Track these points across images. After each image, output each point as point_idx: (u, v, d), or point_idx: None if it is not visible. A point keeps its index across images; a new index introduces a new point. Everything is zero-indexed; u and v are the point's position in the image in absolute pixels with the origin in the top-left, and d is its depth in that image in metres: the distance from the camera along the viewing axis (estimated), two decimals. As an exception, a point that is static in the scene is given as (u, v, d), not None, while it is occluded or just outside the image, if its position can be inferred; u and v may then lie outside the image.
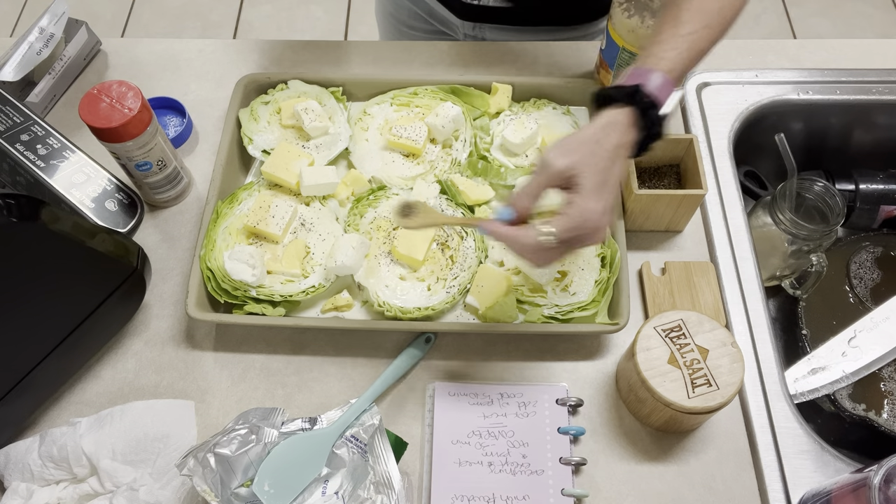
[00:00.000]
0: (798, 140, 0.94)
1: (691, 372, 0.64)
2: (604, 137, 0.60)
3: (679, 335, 0.66)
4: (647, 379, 0.64)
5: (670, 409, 0.64)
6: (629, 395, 0.70)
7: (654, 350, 0.66)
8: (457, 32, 1.06)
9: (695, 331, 0.67)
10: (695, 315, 0.67)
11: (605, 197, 0.58)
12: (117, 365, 0.76)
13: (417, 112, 0.88)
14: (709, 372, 0.64)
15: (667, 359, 0.65)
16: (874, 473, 0.56)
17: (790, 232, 0.82)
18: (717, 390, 0.64)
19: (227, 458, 0.62)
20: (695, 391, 0.64)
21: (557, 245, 0.58)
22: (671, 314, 0.68)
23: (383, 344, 0.76)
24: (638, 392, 0.67)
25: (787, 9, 2.28)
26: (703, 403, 0.63)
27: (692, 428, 0.70)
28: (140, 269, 0.72)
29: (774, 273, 0.88)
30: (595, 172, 0.58)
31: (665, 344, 0.66)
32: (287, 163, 0.81)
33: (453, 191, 0.82)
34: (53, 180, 0.80)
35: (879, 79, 0.93)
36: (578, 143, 0.60)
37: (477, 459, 0.68)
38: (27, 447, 0.67)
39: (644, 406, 0.68)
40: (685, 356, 0.65)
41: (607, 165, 0.59)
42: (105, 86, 0.74)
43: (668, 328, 0.67)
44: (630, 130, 0.60)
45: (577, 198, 0.58)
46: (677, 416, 0.65)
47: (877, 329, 0.84)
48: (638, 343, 0.66)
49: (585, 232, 0.58)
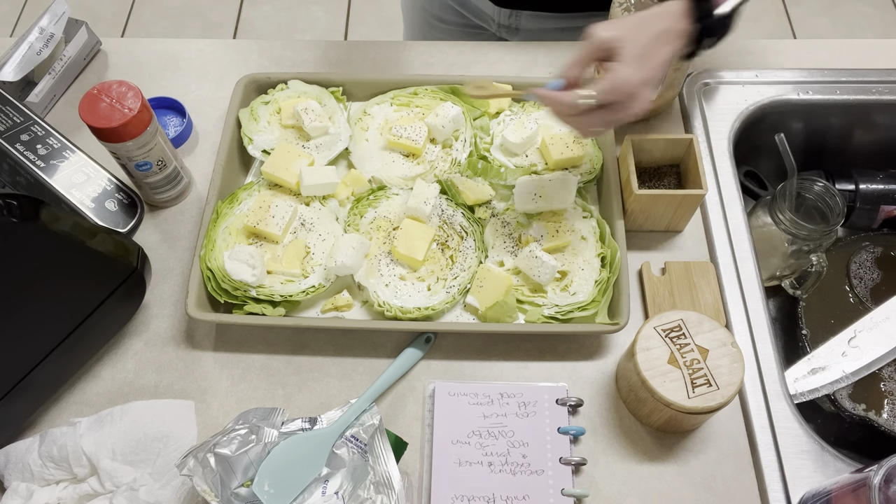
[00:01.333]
0: (798, 140, 0.94)
1: (691, 372, 0.64)
2: (653, 20, 0.64)
3: (679, 335, 0.66)
4: (647, 379, 0.64)
5: (670, 410, 0.64)
6: (629, 395, 0.70)
7: (654, 350, 0.66)
8: (490, 25, 1.04)
9: (695, 331, 0.67)
10: (695, 315, 0.67)
11: (646, 68, 0.62)
12: (117, 365, 0.76)
13: (417, 112, 0.88)
14: (709, 372, 0.64)
15: (667, 359, 0.65)
16: (874, 473, 0.56)
17: (790, 232, 0.82)
18: (717, 390, 0.64)
19: (227, 458, 0.62)
20: (695, 391, 0.64)
21: (598, 110, 0.62)
22: (671, 314, 0.68)
23: (383, 344, 0.76)
24: (638, 392, 0.67)
25: (787, 9, 2.28)
26: (703, 403, 0.63)
27: (692, 428, 0.71)
28: (140, 269, 0.72)
29: (774, 273, 0.88)
30: (637, 45, 0.62)
31: (665, 344, 0.66)
32: (287, 163, 0.81)
33: (453, 191, 0.82)
34: (53, 180, 0.80)
35: (879, 79, 0.93)
36: (626, 21, 0.64)
37: (477, 459, 0.68)
38: (27, 447, 0.67)
39: (644, 406, 0.68)
40: (685, 356, 0.65)
41: (651, 42, 0.62)
42: (105, 86, 0.74)
43: (668, 328, 0.67)
44: (682, 19, 0.64)
45: (617, 64, 0.62)
46: (677, 416, 0.65)
47: (877, 329, 0.84)
48: (638, 343, 0.66)
49: (623, 97, 0.62)
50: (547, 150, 0.83)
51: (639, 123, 0.91)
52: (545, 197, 0.79)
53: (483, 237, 0.80)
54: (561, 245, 0.78)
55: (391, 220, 0.81)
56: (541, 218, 0.80)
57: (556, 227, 0.78)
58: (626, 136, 0.80)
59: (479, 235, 0.79)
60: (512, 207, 0.81)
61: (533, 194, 0.79)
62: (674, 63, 0.81)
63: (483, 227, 0.80)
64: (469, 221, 0.80)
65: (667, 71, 0.65)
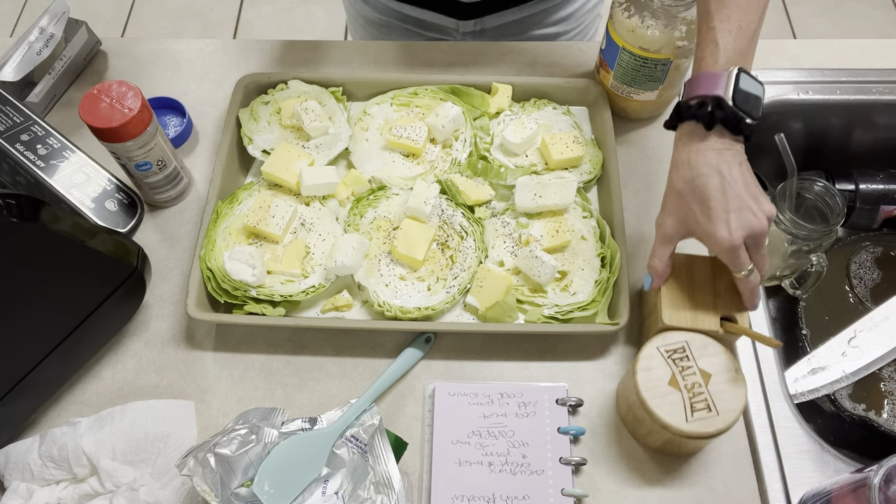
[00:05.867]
0: (798, 140, 0.93)
1: (692, 395, 0.63)
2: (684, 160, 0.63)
3: (682, 357, 0.65)
4: (645, 399, 0.63)
5: (667, 432, 0.63)
6: (628, 414, 0.69)
7: (656, 370, 0.64)
8: (454, 35, 1.05)
9: (698, 354, 0.65)
10: (699, 337, 0.66)
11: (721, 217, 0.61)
12: (117, 365, 0.76)
13: (417, 112, 0.88)
14: (709, 397, 0.63)
15: (667, 380, 0.64)
16: (874, 473, 0.56)
17: (790, 232, 0.82)
18: (716, 416, 0.62)
19: (227, 458, 0.62)
20: (693, 415, 0.62)
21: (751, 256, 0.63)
22: (675, 334, 0.66)
23: (383, 344, 0.76)
24: (636, 411, 0.66)
25: (787, 9, 2.28)
26: (700, 428, 0.62)
27: (690, 452, 0.69)
28: (140, 269, 0.72)
29: (774, 273, 0.88)
30: (697, 212, 0.62)
31: (667, 365, 0.65)
32: (287, 163, 0.81)
33: (453, 191, 0.82)
34: (53, 180, 0.80)
35: (879, 79, 0.93)
36: (668, 194, 0.65)
37: (477, 459, 0.68)
38: (27, 447, 0.67)
39: (642, 426, 0.67)
40: (686, 379, 0.64)
41: (702, 194, 0.62)
42: (105, 86, 0.74)
43: (671, 349, 0.65)
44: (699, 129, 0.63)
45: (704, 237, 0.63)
46: (674, 439, 0.64)
47: (877, 329, 0.84)
48: (639, 362, 0.65)
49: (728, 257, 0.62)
50: (547, 150, 0.83)
51: (638, 123, 0.91)
52: (545, 197, 0.79)
53: (483, 237, 0.80)
54: (561, 245, 0.78)
55: (391, 220, 0.81)
56: (541, 218, 0.80)
57: (556, 227, 0.78)
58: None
59: (479, 235, 0.79)
60: (512, 207, 0.81)
61: (533, 194, 0.79)
62: (677, 68, 0.81)
63: (483, 227, 0.80)
64: (469, 221, 0.80)
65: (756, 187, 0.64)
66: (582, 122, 0.89)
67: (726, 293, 0.69)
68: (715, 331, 0.67)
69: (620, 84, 0.86)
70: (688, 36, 0.78)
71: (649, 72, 0.82)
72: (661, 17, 0.78)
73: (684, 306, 0.68)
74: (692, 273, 0.70)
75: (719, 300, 0.68)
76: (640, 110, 0.89)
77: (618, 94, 0.87)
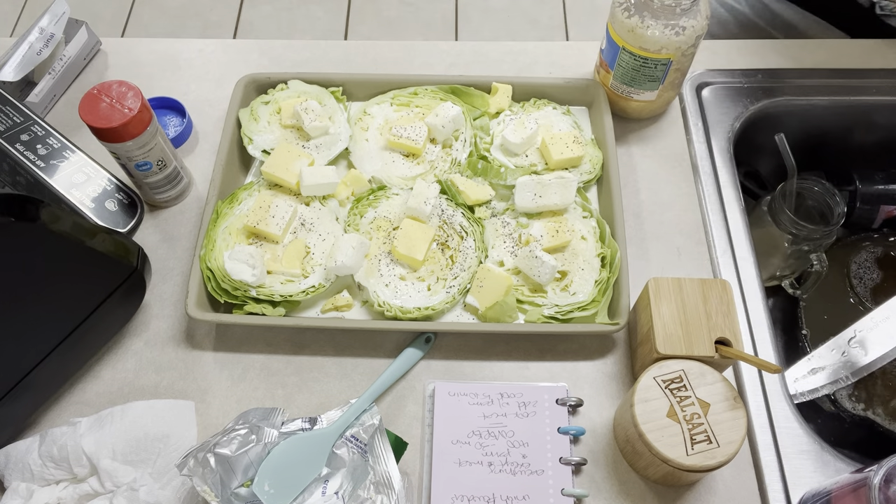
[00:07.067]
0: (798, 140, 0.93)
1: (691, 427, 0.62)
2: None
3: (680, 387, 0.64)
4: (644, 433, 0.62)
5: (667, 466, 0.62)
6: (626, 446, 0.68)
7: (653, 402, 0.63)
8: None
9: (696, 383, 0.64)
10: (697, 365, 0.65)
11: None
12: (117, 365, 0.76)
13: (417, 112, 0.88)
14: (709, 428, 0.62)
15: (666, 412, 0.62)
16: (874, 473, 0.56)
17: (790, 232, 0.82)
18: (717, 448, 0.61)
19: (227, 458, 0.62)
20: (694, 448, 0.61)
21: None
22: (672, 363, 0.65)
23: (383, 344, 0.76)
24: (635, 444, 0.64)
25: (787, 9, 2.27)
26: (701, 461, 0.60)
27: (690, 483, 0.68)
28: (140, 269, 0.72)
29: (774, 273, 0.89)
30: None
31: (665, 395, 0.63)
32: (287, 163, 0.81)
33: (453, 191, 0.82)
34: (53, 180, 0.80)
35: (879, 79, 0.93)
36: None
37: (477, 459, 0.68)
38: (27, 447, 0.67)
39: (641, 459, 0.66)
40: (685, 409, 0.62)
41: None
42: (105, 86, 0.74)
43: (668, 379, 0.64)
44: None
45: None
46: (675, 472, 0.63)
47: (877, 329, 0.84)
48: (637, 394, 0.63)
49: None
50: (547, 150, 0.83)
51: (638, 123, 0.91)
52: (545, 197, 0.79)
53: (483, 237, 0.80)
54: (561, 245, 0.78)
55: (391, 220, 0.81)
56: (541, 218, 0.80)
57: (556, 227, 0.78)
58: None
59: (479, 235, 0.79)
60: (512, 207, 0.81)
61: (533, 194, 0.79)
62: (675, 62, 0.81)
63: (483, 227, 0.80)
64: (469, 221, 0.80)
65: None
66: (582, 122, 0.89)
67: (717, 314, 0.68)
68: (711, 356, 0.66)
69: (620, 84, 0.86)
70: (688, 36, 0.78)
71: (649, 72, 0.82)
72: (661, 17, 0.78)
73: (677, 332, 0.67)
74: (682, 297, 0.69)
75: (712, 322, 0.68)
76: (640, 110, 0.89)
77: (618, 94, 0.87)
